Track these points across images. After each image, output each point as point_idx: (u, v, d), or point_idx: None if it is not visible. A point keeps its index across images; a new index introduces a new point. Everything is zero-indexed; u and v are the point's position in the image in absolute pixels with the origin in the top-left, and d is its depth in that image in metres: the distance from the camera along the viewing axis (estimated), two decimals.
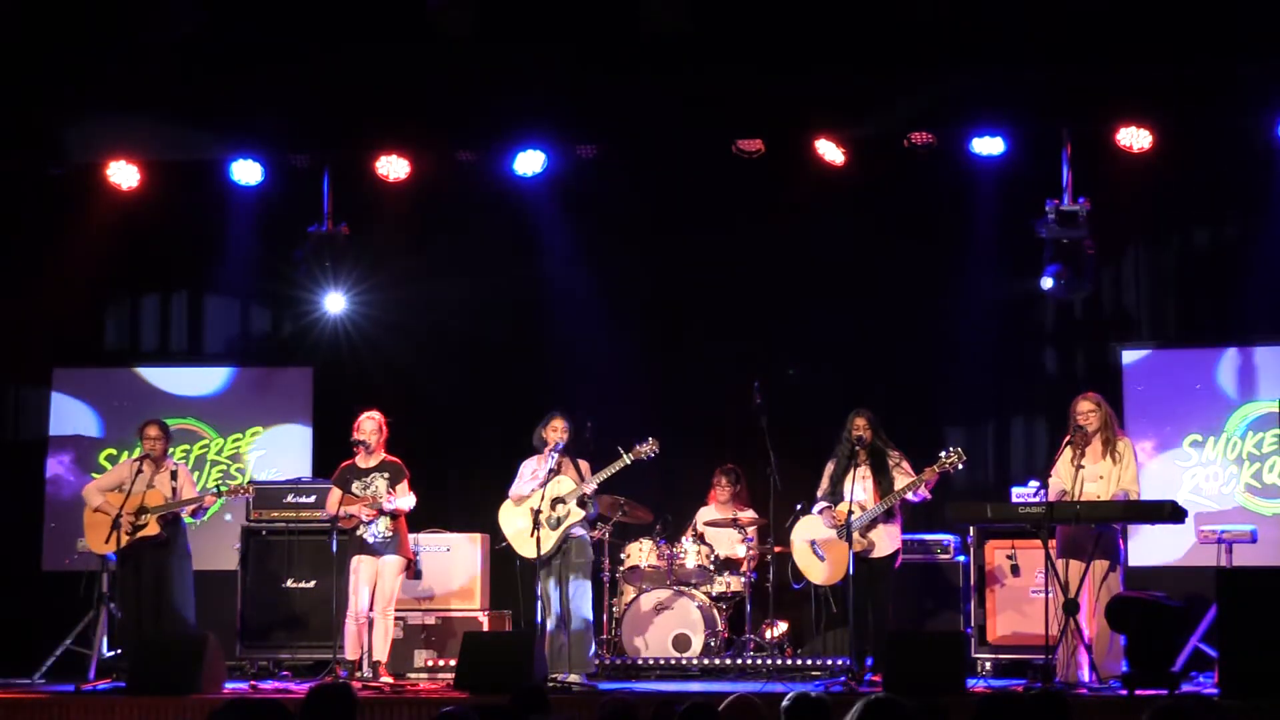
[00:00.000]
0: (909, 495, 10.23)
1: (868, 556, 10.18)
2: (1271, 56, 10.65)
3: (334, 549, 10.43)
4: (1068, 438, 9.91)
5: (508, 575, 11.45)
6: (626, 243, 12.55)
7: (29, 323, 12.82)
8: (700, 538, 11.44)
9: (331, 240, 11.97)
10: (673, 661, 11.07)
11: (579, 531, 10.50)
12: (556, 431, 10.51)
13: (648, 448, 10.44)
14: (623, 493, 11.18)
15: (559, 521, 10.38)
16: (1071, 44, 10.76)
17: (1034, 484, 10.66)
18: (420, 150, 12.06)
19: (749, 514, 11.62)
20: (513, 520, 10.64)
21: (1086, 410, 9.93)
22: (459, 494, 12.37)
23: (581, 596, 10.46)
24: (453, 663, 10.47)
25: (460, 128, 11.89)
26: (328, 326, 12.45)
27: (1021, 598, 11.10)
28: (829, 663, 10.82)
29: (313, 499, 11.59)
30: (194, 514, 10.93)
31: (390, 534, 10.50)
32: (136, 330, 13.21)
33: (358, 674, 10.39)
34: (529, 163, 12.00)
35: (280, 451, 12.69)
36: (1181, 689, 9.12)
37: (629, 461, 10.43)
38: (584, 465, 10.55)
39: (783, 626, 11.45)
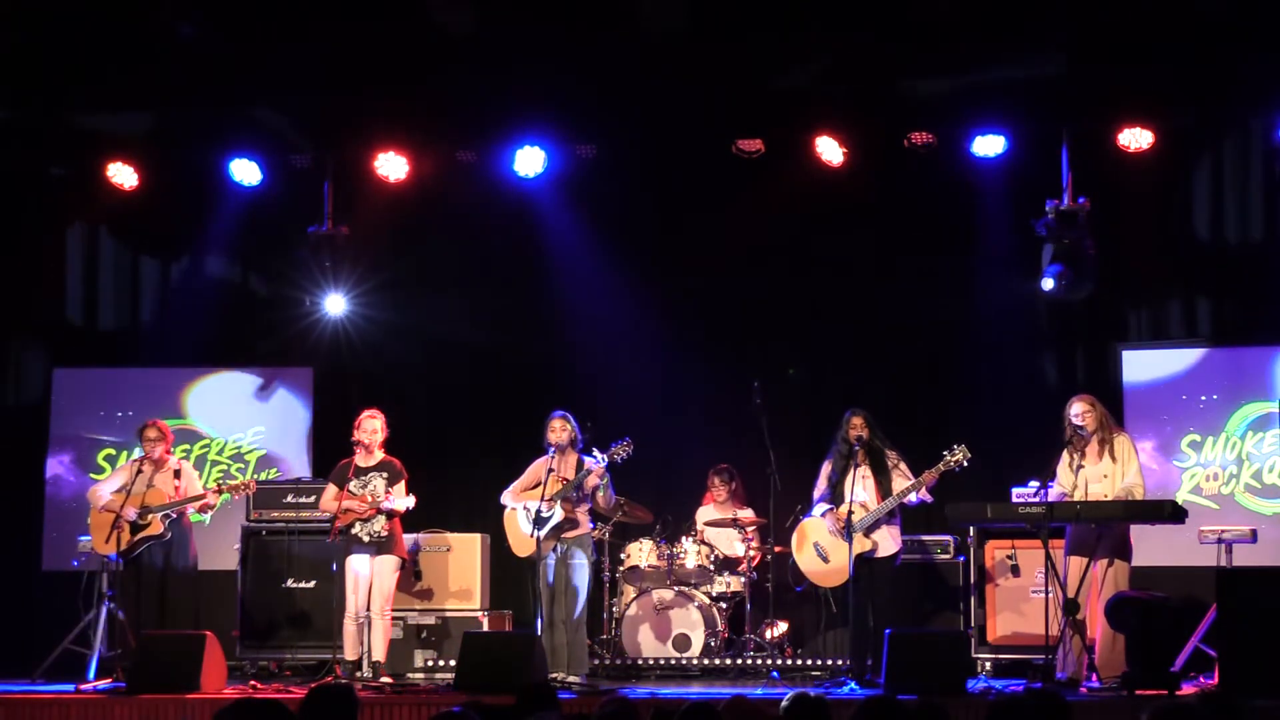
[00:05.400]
0: (911, 497, 10.20)
1: (870, 557, 10.17)
2: (1271, 56, 10.66)
3: (334, 549, 10.44)
4: (1066, 443, 9.90)
5: (508, 575, 11.47)
6: (626, 242, 12.53)
7: (29, 323, 12.81)
8: (700, 537, 11.45)
9: (331, 240, 11.97)
10: (673, 662, 11.08)
11: (579, 531, 10.48)
12: (555, 432, 10.50)
13: (623, 448, 10.41)
14: (623, 493, 11.17)
15: (547, 521, 10.36)
16: (1072, 44, 10.76)
17: (1034, 484, 10.64)
18: (420, 150, 12.06)
19: (748, 513, 11.62)
20: (511, 519, 10.64)
21: (1081, 412, 9.92)
22: (459, 494, 12.36)
23: (580, 596, 10.45)
24: (453, 663, 10.46)
25: (460, 128, 11.90)
26: (328, 327, 12.44)
27: (1021, 598, 11.11)
28: (829, 663, 10.83)
29: (313, 499, 11.59)
30: (201, 511, 10.91)
31: (385, 533, 10.48)
32: (137, 330, 13.19)
33: (358, 674, 10.38)
34: (529, 163, 12.00)
35: (280, 451, 12.69)
36: (1181, 689, 9.12)
37: (604, 463, 10.41)
38: (589, 464, 10.51)
39: (783, 626, 11.45)
